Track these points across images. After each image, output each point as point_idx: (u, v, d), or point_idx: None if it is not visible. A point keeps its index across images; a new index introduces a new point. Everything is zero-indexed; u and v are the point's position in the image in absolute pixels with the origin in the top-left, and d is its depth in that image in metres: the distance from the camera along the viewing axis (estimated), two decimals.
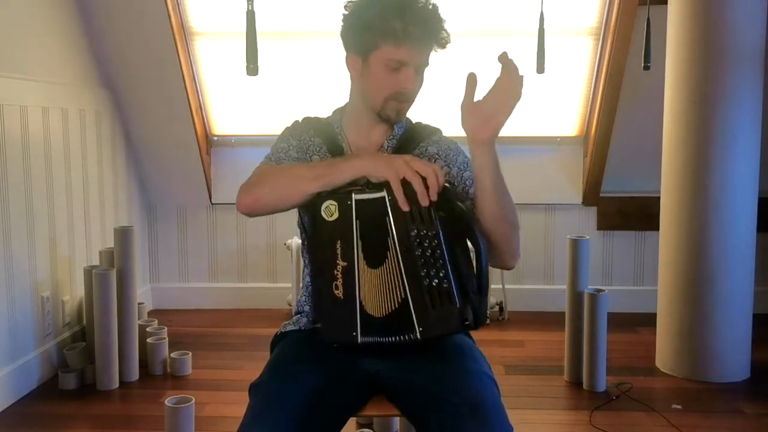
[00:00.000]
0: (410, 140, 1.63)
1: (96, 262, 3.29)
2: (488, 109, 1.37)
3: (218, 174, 3.98)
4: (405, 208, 1.33)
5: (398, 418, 1.92)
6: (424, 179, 1.33)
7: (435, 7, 1.54)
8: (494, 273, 3.81)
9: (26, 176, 2.88)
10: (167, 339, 3.19)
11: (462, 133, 1.43)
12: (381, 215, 1.35)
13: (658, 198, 3.15)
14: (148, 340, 3.13)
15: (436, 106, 3.60)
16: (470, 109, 1.38)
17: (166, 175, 4.01)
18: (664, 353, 3.13)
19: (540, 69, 2.54)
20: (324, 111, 1.74)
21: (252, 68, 1.97)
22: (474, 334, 1.68)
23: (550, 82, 3.71)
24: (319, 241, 1.42)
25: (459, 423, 1.33)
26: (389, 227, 1.34)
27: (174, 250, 4.14)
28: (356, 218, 1.37)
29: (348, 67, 1.60)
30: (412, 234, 1.32)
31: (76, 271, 3.25)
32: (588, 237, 3.01)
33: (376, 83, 1.55)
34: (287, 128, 1.70)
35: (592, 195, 3.96)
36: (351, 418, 1.52)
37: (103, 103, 3.59)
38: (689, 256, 2.99)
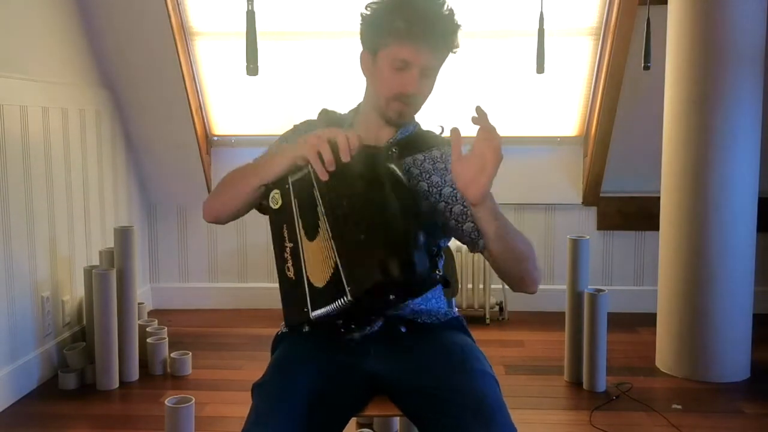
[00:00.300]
0: (409, 147, 1.60)
1: (96, 262, 3.29)
2: (472, 171, 1.33)
3: (218, 174, 3.98)
4: (323, 176, 1.35)
5: (398, 418, 1.92)
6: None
7: (449, 11, 1.53)
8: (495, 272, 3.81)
9: (26, 176, 2.88)
10: (167, 339, 3.19)
11: (462, 133, 1.41)
12: (310, 189, 1.38)
13: (658, 198, 3.15)
14: (148, 340, 3.13)
15: (435, 105, 3.61)
16: (457, 167, 1.35)
17: (166, 175, 4.01)
18: (664, 353, 3.13)
19: (540, 69, 2.54)
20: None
21: (252, 68, 1.97)
22: (474, 333, 1.68)
23: (550, 82, 3.71)
24: (273, 231, 1.46)
25: (462, 424, 1.32)
26: (316, 197, 1.37)
27: (174, 250, 4.14)
28: (294, 198, 1.41)
29: (361, 64, 1.61)
30: (333, 196, 1.35)
31: (76, 271, 3.25)
32: (588, 237, 3.01)
33: (381, 82, 1.55)
34: (294, 126, 1.71)
35: (592, 195, 3.96)
36: (351, 418, 1.52)
37: (103, 103, 3.59)
38: (689, 256, 2.99)
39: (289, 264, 1.41)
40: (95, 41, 3.48)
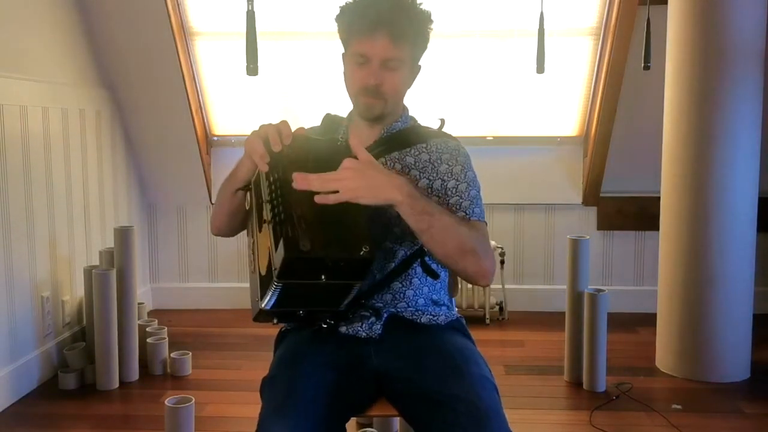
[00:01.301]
0: (393, 143, 1.61)
1: (96, 262, 3.29)
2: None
3: (218, 174, 3.98)
4: (262, 168, 1.39)
5: (398, 418, 1.92)
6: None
7: (409, 1, 1.54)
8: (495, 273, 3.81)
9: (26, 176, 2.88)
10: (167, 339, 3.19)
11: (462, 133, 1.42)
12: (260, 183, 1.42)
13: (658, 198, 3.15)
14: (148, 340, 3.13)
15: (436, 104, 3.62)
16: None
17: (166, 175, 4.01)
18: (664, 353, 3.13)
19: (540, 69, 2.54)
20: (322, 111, 1.75)
21: (252, 68, 1.97)
22: (474, 333, 1.69)
23: (550, 82, 3.71)
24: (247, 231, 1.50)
25: (458, 429, 1.32)
26: (262, 191, 1.40)
27: (174, 250, 4.14)
28: (254, 196, 1.45)
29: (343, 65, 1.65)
30: (268, 185, 1.38)
31: (76, 271, 3.25)
32: (588, 237, 3.01)
33: (348, 79, 1.60)
34: None
35: (592, 195, 3.96)
36: (351, 419, 1.52)
37: (103, 103, 3.59)
38: (689, 256, 2.99)
39: (251, 258, 1.45)
40: (95, 41, 3.48)
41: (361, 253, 1.31)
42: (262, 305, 1.37)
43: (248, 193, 1.48)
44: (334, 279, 1.33)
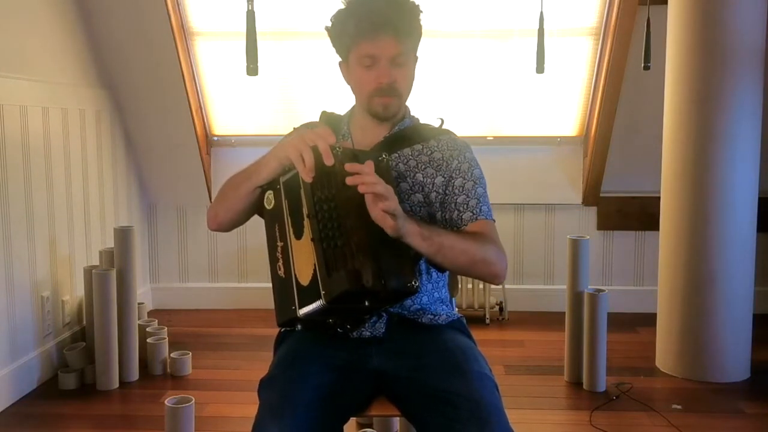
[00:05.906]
0: (401, 140, 1.62)
1: (96, 262, 3.29)
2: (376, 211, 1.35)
3: (218, 174, 3.98)
4: (307, 179, 1.37)
5: (398, 418, 1.92)
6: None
7: None
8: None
9: (26, 176, 2.88)
10: (167, 339, 3.19)
11: (462, 133, 1.42)
12: (298, 189, 1.41)
13: (658, 198, 3.15)
14: (148, 340, 3.14)
15: (436, 104, 3.62)
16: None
17: (166, 175, 4.01)
18: (664, 353, 3.13)
19: (540, 69, 2.54)
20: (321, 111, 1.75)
21: (252, 68, 1.97)
22: (474, 333, 1.69)
23: (550, 82, 3.71)
24: (267, 231, 1.48)
25: (459, 426, 1.33)
26: (302, 198, 1.39)
27: (174, 250, 4.13)
28: (285, 198, 1.43)
29: (342, 75, 1.65)
30: (316, 199, 1.37)
31: (76, 271, 3.25)
32: (588, 237, 3.01)
33: (357, 83, 1.60)
34: (295, 128, 1.72)
35: (592, 195, 3.96)
36: (351, 419, 1.52)
37: (103, 103, 3.59)
38: (689, 256, 2.99)
39: (280, 263, 1.43)
40: (95, 41, 3.48)
41: (408, 285, 1.38)
42: (300, 314, 1.37)
43: (270, 193, 1.47)
44: (376, 303, 1.39)
